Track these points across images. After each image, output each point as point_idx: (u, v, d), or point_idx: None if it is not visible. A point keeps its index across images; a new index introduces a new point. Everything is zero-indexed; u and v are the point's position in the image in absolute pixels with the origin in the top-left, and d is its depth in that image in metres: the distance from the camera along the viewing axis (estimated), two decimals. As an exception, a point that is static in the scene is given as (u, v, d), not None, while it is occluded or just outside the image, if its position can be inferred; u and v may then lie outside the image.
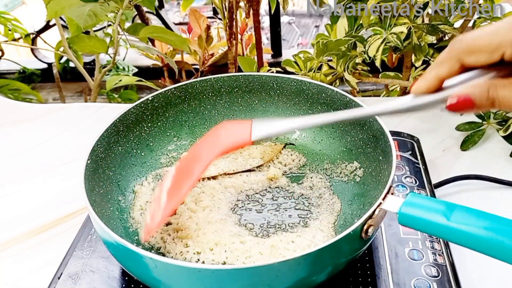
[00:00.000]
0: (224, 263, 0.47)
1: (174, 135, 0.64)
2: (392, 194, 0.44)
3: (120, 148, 0.57)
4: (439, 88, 0.38)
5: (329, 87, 0.60)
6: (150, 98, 0.60)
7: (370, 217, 0.42)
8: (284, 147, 0.62)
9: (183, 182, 0.47)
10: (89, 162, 0.49)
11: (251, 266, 0.39)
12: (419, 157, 0.64)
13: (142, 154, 0.60)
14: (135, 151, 0.59)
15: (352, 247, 0.43)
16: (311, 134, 0.64)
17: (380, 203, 0.42)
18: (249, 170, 0.60)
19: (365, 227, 0.42)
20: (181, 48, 0.97)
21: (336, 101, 0.60)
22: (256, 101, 0.66)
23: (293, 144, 0.63)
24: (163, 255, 0.49)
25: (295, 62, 0.82)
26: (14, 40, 1.22)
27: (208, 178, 0.58)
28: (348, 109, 0.45)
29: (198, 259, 0.48)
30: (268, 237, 0.51)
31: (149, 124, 0.61)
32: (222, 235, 0.50)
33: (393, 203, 0.42)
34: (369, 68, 0.83)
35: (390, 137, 0.50)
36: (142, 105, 0.60)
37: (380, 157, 0.53)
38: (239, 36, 1.02)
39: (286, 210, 0.55)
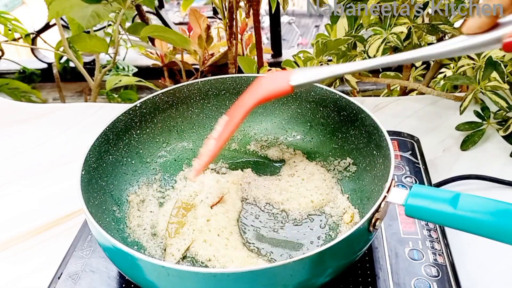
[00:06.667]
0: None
1: (163, 141, 0.63)
2: (394, 186, 0.44)
3: (111, 157, 0.56)
4: (493, 27, 0.34)
5: (318, 85, 0.60)
6: (138, 105, 0.59)
7: (377, 210, 0.42)
8: None
9: (226, 127, 0.50)
10: (83, 173, 0.49)
11: (267, 267, 0.38)
12: (419, 157, 0.64)
13: (133, 162, 0.59)
14: (125, 159, 0.58)
15: (361, 241, 0.43)
16: (301, 133, 0.64)
17: (385, 196, 0.43)
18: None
19: (372, 221, 0.42)
20: (183, 46, 0.96)
21: (326, 98, 0.60)
22: None
23: None
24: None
25: (295, 62, 0.82)
26: (14, 40, 1.22)
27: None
28: (401, 53, 0.41)
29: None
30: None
31: (138, 131, 0.60)
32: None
33: (398, 196, 0.42)
34: (369, 68, 0.83)
35: (385, 131, 0.50)
36: (131, 112, 0.59)
37: (375, 152, 0.53)
38: (239, 36, 1.02)
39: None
